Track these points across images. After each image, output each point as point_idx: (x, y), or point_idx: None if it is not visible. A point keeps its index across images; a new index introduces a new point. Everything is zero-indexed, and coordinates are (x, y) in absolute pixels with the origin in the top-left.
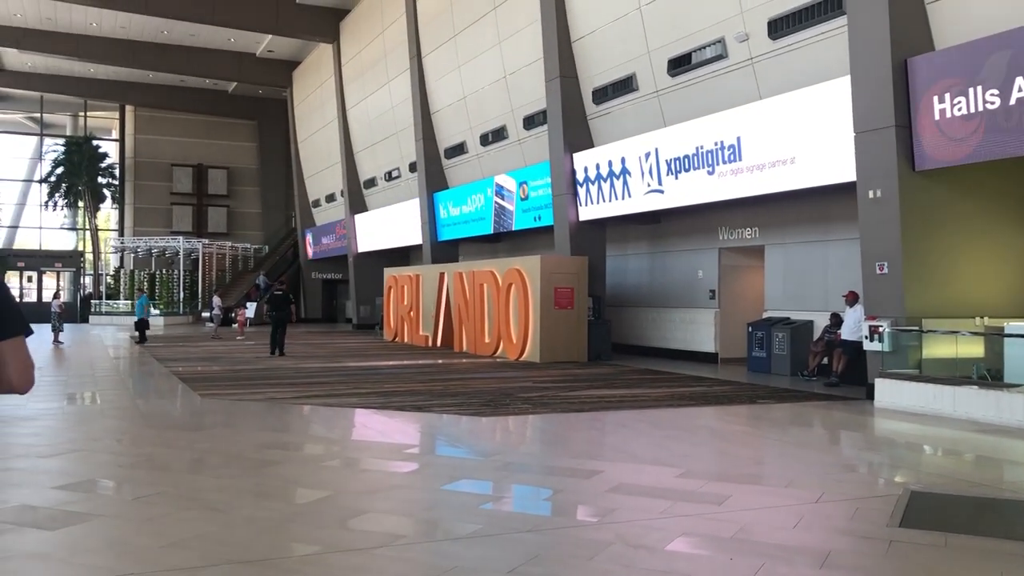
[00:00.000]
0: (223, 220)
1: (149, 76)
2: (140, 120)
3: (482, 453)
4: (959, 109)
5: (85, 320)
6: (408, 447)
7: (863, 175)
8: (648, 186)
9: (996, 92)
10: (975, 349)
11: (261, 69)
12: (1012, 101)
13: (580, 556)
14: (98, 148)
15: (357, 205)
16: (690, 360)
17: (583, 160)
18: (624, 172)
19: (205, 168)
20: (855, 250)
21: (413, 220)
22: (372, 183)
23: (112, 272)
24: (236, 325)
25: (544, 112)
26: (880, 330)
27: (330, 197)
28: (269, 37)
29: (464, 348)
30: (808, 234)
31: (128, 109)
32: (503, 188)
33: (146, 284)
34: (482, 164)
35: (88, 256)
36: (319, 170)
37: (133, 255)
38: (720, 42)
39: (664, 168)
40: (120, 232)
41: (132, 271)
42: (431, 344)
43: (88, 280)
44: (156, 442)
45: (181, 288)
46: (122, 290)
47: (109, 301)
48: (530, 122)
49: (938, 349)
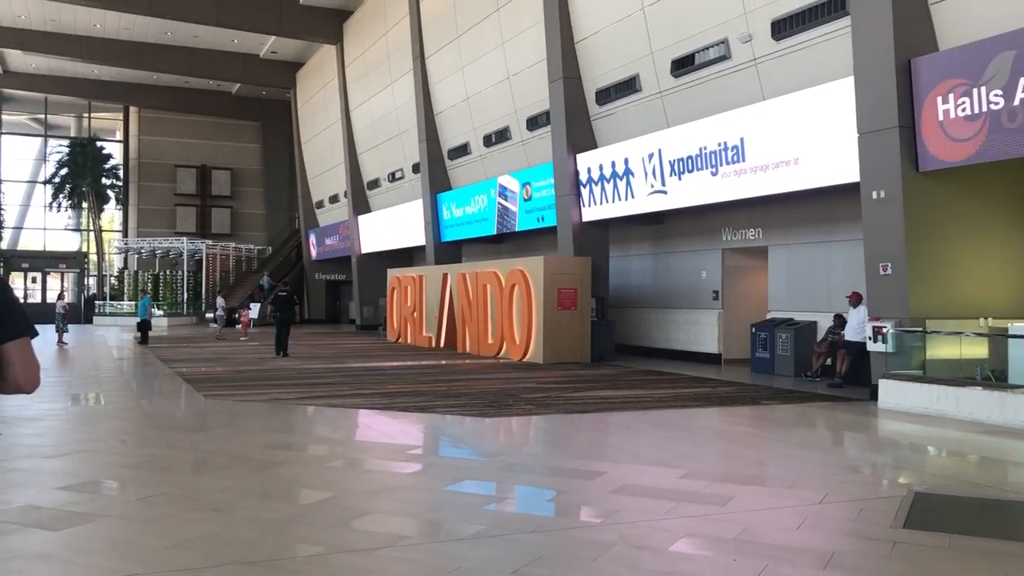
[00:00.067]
0: (227, 221)
1: (153, 77)
2: (144, 121)
3: (485, 454)
4: (963, 109)
5: (89, 321)
6: (412, 448)
7: (867, 176)
8: (651, 187)
9: (1000, 92)
10: (979, 350)
11: (265, 70)
12: (1016, 101)
13: (583, 557)
14: (102, 149)
15: (360, 206)
16: (693, 361)
17: (586, 161)
18: (627, 173)
19: (209, 169)
20: (859, 251)
21: (416, 221)
22: (375, 184)
23: (116, 273)
24: (240, 326)
25: (547, 113)
26: (884, 331)
27: (334, 198)
28: (273, 38)
29: (467, 349)
30: (812, 235)
31: (132, 110)
32: (506, 189)
33: (150, 285)
34: (485, 165)
35: (92, 257)
36: (323, 171)
37: (137, 256)
38: (723, 43)
39: (667, 169)
40: (124, 233)
41: (136, 272)
42: (434, 345)
43: (92, 281)
44: (160, 443)
45: (185, 289)
46: (126, 291)
47: (113, 302)
48: (533, 123)
49: (942, 350)
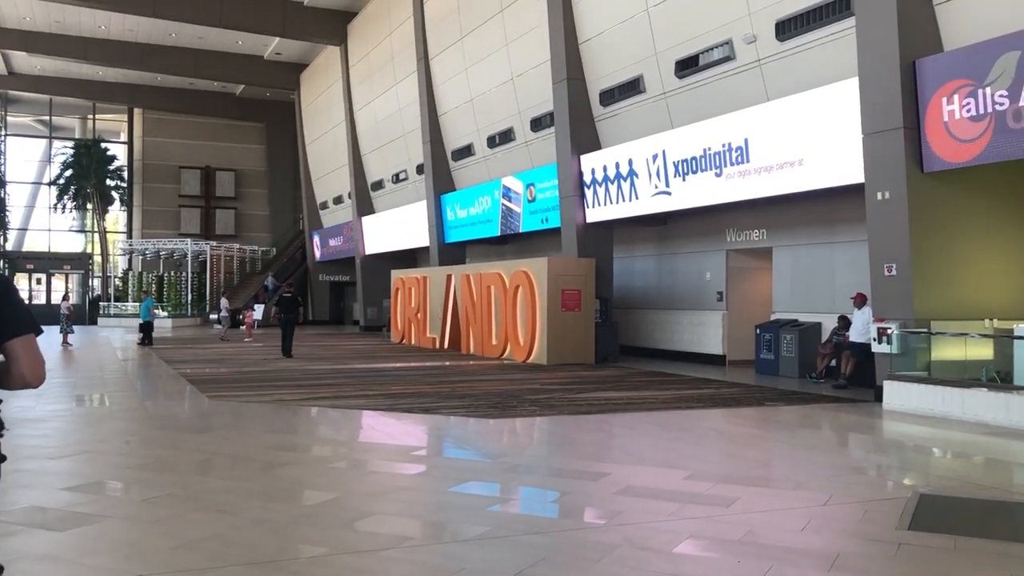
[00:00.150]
0: (231, 222)
1: (157, 79)
2: (148, 122)
3: (489, 455)
4: (968, 110)
5: (94, 322)
6: (415, 449)
7: (871, 177)
8: (655, 188)
9: (1005, 93)
10: (984, 351)
11: (269, 71)
12: (1021, 102)
13: (587, 558)
14: (106, 151)
15: (364, 207)
16: (698, 362)
17: (590, 162)
18: (631, 174)
19: (213, 170)
20: (863, 252)
21: (420, 222)
22: (379, 185)
23: (120, 274)
24: (244, 327)
25: (551, 114)
26: (888, 332)
27: (338, 199)
28: (277, 40)
29: (471, 350)
30: (816, 236)
31: (136, 112)
32: (510, 190)
33: (154, 286)
34: (489, 166)
35: (97, 258)
36: (327, 172)
37: (141, 257)
38: (728, 44)
39: (671, 170)
40: (128, 234)
41: (140, 273)
42: (438, 346)
43: (97, 282)
44: (164, 444)
45: (189, 290)
46: (130, 292)
47: (117, 303)
48: (537, 124)
49: (947, 351)
